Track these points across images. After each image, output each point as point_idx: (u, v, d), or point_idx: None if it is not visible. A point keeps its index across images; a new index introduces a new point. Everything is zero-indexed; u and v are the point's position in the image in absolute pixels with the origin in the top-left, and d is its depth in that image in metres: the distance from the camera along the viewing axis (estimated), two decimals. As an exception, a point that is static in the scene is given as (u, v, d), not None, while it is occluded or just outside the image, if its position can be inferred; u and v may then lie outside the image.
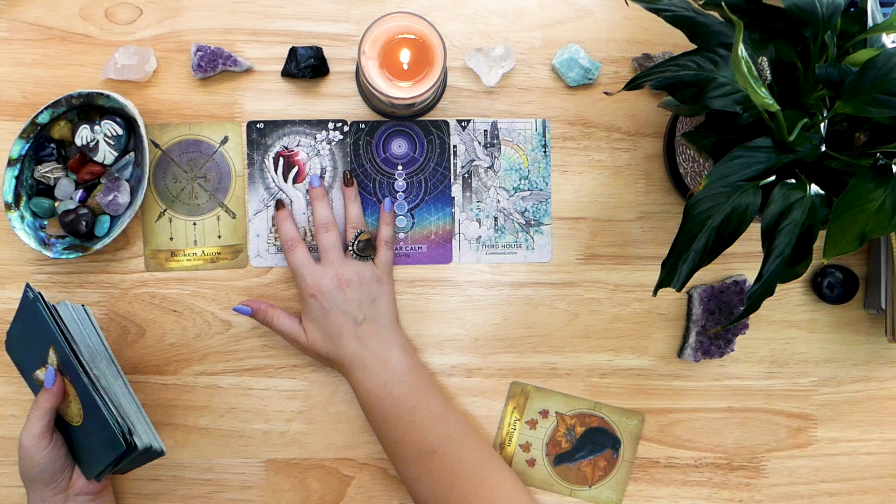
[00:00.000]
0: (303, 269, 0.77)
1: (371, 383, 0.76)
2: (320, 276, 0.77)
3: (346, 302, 0.77)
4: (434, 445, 0.75)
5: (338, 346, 0.77)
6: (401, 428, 0.75)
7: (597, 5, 0.83)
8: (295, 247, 0.78)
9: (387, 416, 0.76)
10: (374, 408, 0.76)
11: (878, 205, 0.59)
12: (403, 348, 0.78)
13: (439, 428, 0.75)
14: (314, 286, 0.77)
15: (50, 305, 0.71)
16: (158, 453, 0.73)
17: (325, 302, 0.76)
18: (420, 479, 0.75)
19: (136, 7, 0.81)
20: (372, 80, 0.74)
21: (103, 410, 0.69)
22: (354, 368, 0.77)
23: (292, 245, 0.78)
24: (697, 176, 0.74)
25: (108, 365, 0.74)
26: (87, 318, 0.76)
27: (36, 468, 0.71)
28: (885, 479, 0.85)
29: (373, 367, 0.76)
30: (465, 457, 0.75)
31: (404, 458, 0.76)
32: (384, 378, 0.76)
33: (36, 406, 0.71)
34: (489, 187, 0.83)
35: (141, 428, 0.72)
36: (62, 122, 0.78)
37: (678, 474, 0.84)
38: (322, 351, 0.77)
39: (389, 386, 0.76)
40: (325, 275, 0.77)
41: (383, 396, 0.76)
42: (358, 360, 0.77)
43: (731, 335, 0.83)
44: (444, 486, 0.74)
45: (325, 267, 0.77)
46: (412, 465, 0.75)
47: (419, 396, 0.76)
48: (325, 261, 0.78)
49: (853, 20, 0.65)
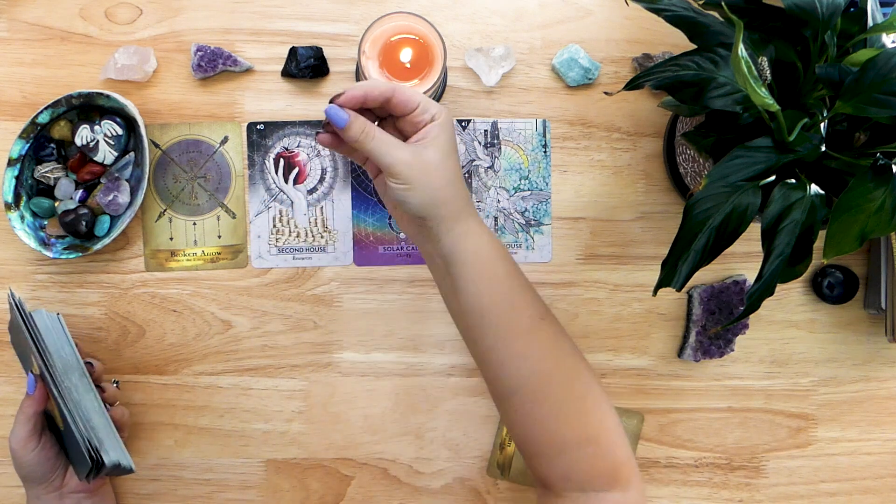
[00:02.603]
0: (418, 97, 0.64)
1: (489, 234, 0.66)
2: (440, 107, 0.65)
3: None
4: (542, 311, 0.66)
5: (461, 183, 0.65)
6: (519, 288, 0.66)
7: (597, 5, 0.83)
8: (372, 129, 0.63)
9: (509, 272, 0.66)
10: (491, 265, 0.65)
11: (878, 205, 0.59)
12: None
13: (535, 292, 0.67)
14: (443, 109, 0.64)
15: (27, 314, 0.71)
16: (127, 470, 0.72)
17: (450, 132, 0.64)
18: (526, 355, 0.65)
19: (136, 7, 0.81)
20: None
21: (72, 426, 0.69)
22: (474, 215, 0.66)
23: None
24: (697, 176, 0.74)
25: (80, 377, 0.73)
26: (61, 327, 0.75)
27: (26, 469, 0.72)
28: (885, 479, 0.85)
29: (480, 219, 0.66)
30: (560, 330, 0.67)
31: (516, 328, 0.65)
32: (491, 233, 0.66)
33: (20, 410, 0.71)
34: (489, 187, 0.83)
35: (110, 444, 0.71)
36: (62, 122, 0.78)
37: (678, 474, 0.84)
38: (441, 185, 0.63)
39: (499, 242, 0.67)
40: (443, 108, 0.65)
41: (500, 249, 0.66)
42: (473, 206, 0.66)
43: (731, 335, 0.83)
44: (550, 361, 0.65)
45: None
46: (521, 338, 0.65)
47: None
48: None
49: (853, 20, 0.65)
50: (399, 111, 0.64)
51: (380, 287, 0.82)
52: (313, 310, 0.82)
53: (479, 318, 0.65)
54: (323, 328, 0.82)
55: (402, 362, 0.83)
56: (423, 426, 0.83)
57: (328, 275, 0.82)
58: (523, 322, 0.65)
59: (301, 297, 0.82)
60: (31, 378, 0.71)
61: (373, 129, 0.62)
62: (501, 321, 0.65)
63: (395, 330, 0.83)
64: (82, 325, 0.81)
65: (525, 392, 0.65)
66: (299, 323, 0.82)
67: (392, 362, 0.83)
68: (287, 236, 0.82)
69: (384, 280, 0.82)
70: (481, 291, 0.65)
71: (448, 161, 0.64)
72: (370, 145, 0.62)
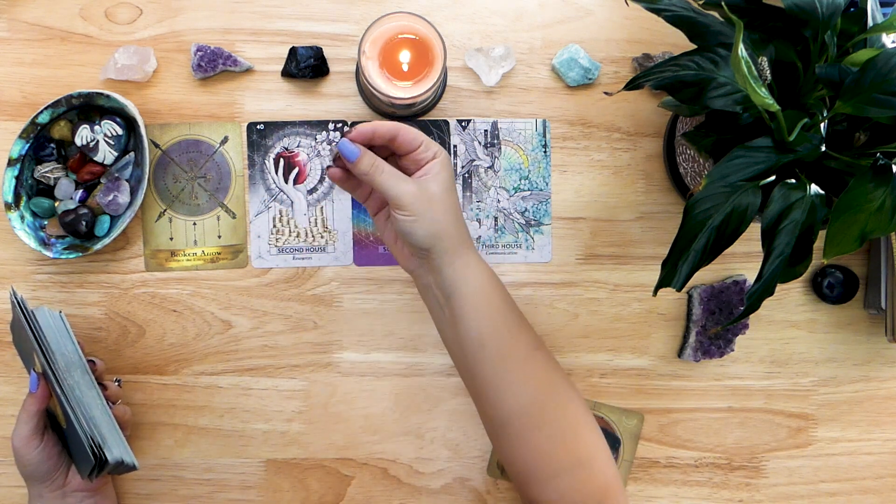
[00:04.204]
0: (421, 136, 0.68)
1: (487, 267, 0.69)
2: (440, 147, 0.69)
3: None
4: (536, 341, 0.69)
5: (462, 218, 0.68)
6: (515, 319, 0.68)
7: (597, 5, 0.83)
8: (381, 163, 0.67)
9: (507, 303, 0.68)
10: (490, 296, 0.67)
11: (878, 205, 0.59)
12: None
13: (528, 322, 0.70)
14: (443, 149, 0.68)
15: (29, 312, 0.71)
16: (130, 467, 0.72)
17: (450, 170, 0.68)
18: (523, 382, 0.67)
19: (136, 7, 0.81)
20: (372, 80, 0.74)
21: (75, 423, 0.69)
22: (473, 248, 0.69)
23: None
24: (697, 176, 0.74)
25: (83, 375, 0.73)
26: (64, 325, 0.75)
27: (28, 467, 0.72)
28: (885, 479, 0.85)
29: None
30: (552, 357, 0.70)
31: (514, 357, 0.67)
32: (489, 266, 0.69)
33: (23, 409, 0.72)
34: (489, 187, 0.83)
35: (113, 441, 0.71)
36: (62, 122, 0.78)
37: (678, 474, 0.84)
38: (443, 218, 0.66)
39: (496, 276, 0.70)
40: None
41: (498, 281, 0.69)
42: (472, 240, 0.70)
43: (731, 335, 0.83)
44: (546, 388, 0.67)
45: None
46: (519, 366, 0.67)
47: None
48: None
49: (853, 20, 0.65)
50: (403, 149, 0.68)
51: (380, 287, 0.82)
52: (313, 310, 0.82)
53: (479, 349, 0.67)
54: (323, 328, 0.82)
55: (402, 362, 0.83)
56: (423, 426, 0.83)
57: (328, 275, 0.82)
58: (520, 351, 0.67)
59: (301, 297, 0.82)
60: (33, 376, 0.71)
61: (381, 164, 0.66)
62: (500, 351, 0.67)
63: (395, 330, 0.83)
64: (82, 325, 0.81)
65: (522, 419, 0.66)
66: (299, 323, 0.82)
67: (392, 362, 0.83)
68: (287, 236, 0.82)
69: (384, 280, 0.82)
70: (481, 322, 0.67)
71: (449, 195, 0.68)
72: (379, 178, 0.66)
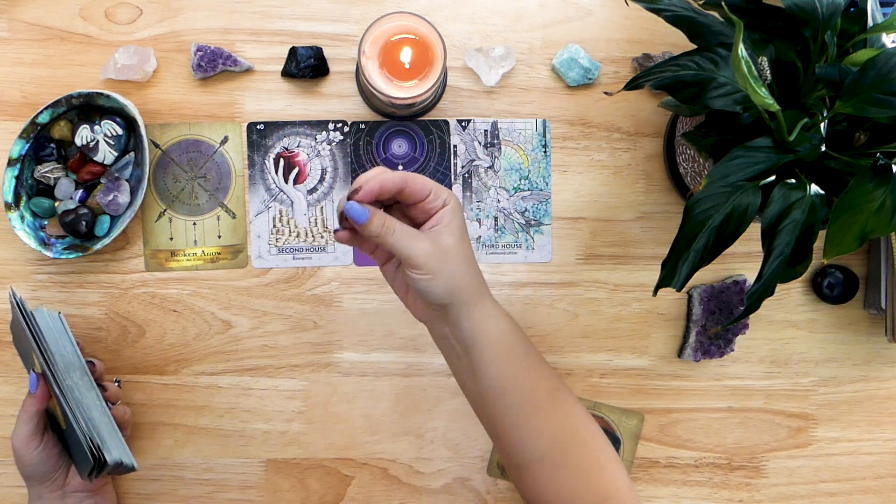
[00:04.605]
0: (429, 184, 0.63)
1: (505, 314, 0.66)
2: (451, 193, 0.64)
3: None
4: (556, 382, 0.67)
5: (476, 265, 0.65)
6: (535, 364, 0.66)
7: (597, 5, 0.83)
8: (392, 223, 0.62)
9: (527, 350, 0.66)
10: (510, 345, 0.65)
11: (878, 205, 0.59)
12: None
13: (546, 362, 0.68)
14: (452, 194, 0.64)
15: (28, 313, 0.71)
16: (129, 468, 0.72)
17: (461, 216, 0.64)
18: (546, 427, 0.65)
19: (136, 7, 0.81)
20: (372, 80, 0.74)
21: (74, 424, 0.69)
22: (489, 295, 0.66)
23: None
24: (697, 176, 0.74)
25: (82, 376, 0.73)
26: (63, 326, 0.75)
27: (28, 467, 0.72)
28: (885, 479, 0.85)
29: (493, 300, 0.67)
30: (572, 395, 0.68)
31: (536, 403, 0.65)
32: (507, 312, 0.67)
33: (22, 409, 0.72)
34: (489, 187, 0.83)
35: (112, 442, 0.71)
36: (62, 122, 0.78)
37: (678, 474, 0.84)
38: (460, 272, 0.63)
39: (515, 322, 0.67)
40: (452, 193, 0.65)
41: (516, 327, 0.66)
42: (487, 286, 0.66)
43: (731, 335, 0.83)
44: (568, 429, 0.65)
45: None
46: (541, 411, 0.65)
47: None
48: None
49: (853, 20, 0.65)
50: (412, 200, 0.63)
51: (380, 287, 0.82)
52: (313, 310, 0.82)
53: (500, 397, 0.65)
54: (323, 328, 0.82)
55: (402, 362, 0.83)
56: (423, 426, 0.83)
57: (328, 275, 0.82)
58: (542, 395, 0.65)
59: (301, 297, 0.82)
60: (32, 377, 0.71)
61: (392, 223, 0.61)
62: (522, 398, 0.65)
63: (395, 330, 0.83)
64: (82, 325, 0.81)
65: (544, 461, 0.65)
66: (299, 323, 0.82)
67: (392, 362, 0.83)
68: (287, 236, 0.82)
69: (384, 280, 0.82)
70: (502, 371, 0.64)
71: (463, 245, 0.63)
72: (391, 239, 0.61)
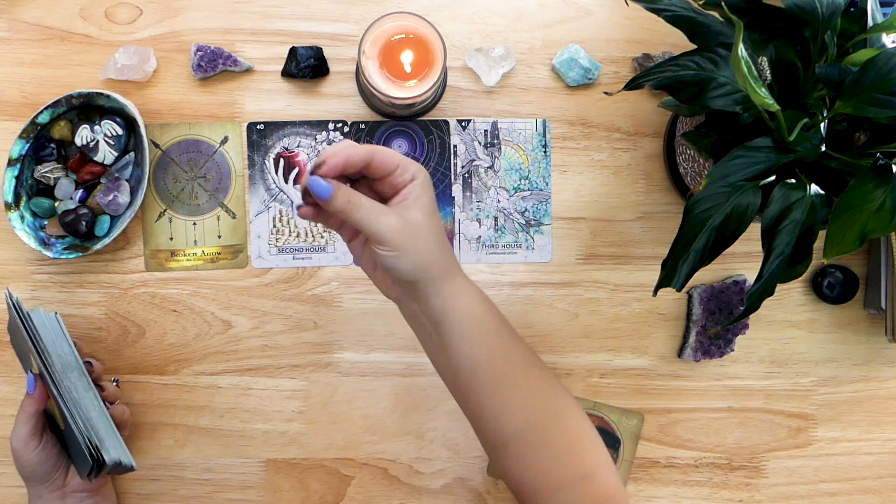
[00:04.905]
0: (397, 157, 0.61)
1: (476, 290, 0.65)
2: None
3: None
4: (531, 358, 0.65)
5: (446, 241, 0.63)
6: (508, 340, 0.65)
7: (597, 5, 0.83)
8: (358, 198, 0.60)
9: (499, 325, 0.65)
10: (481, 321, 0.63)
11: (878, 205, 0.59)
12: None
13: (522, 338, 0.67)
14: (421, 168, 0.61)
15: (24, 313, 0.71)
16: (128, 468, 0.72)
17: (431, 191, 0.62)
18: (521, 404, 0.64)
19: (136, 7, 0.81)
20: (372, 80, 0.74)
21: (72, 425, 0.69)
22: (460, 272, 0.64)
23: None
24: (697, 176, 0.74)
25: (80, 376, 0.73)
26: (59, 326, 0.75)
27: (28, 468, 0.72)
28: (885, 479, 0.85)
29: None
30: (548, 371, 0.66)
31: (511, 380, 0.64)
32: (478, 288, 0.65)
33: (21, 409, 0.71)
34: (489, 187, 0.83)
35: (110, 442, 0.71)
36: (62, 122, 0.78)
37: (678, 474, 0.84)
38: (428, 248, 0.61)
39: (486, 297, 0.65)
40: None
41: (490, 305, 0.65)
42: (458, 262, 0.65)
43: (731, 335, 0.83)
44: (544, 406, 0.64)
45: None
46: (516, 388, 0.64)
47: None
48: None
49: (853, 20, 0.65)
50: (378, 174, 0.61)
51: (380, 287, 0.82)
52: (313, 310, 0.82)
53: (472, 375, 0.64)
54: (323, 328, 0.82)
55: (402, 362, 0.83)
56: (423, 426, 0.83)
57: (328, 275, 0.82)
58: (516, 373, 0.64)
59: (301, 297, 0.82)
60: (30, 377, 0.71)
61: (358, 198, 0.59)
62: (495, 375, 0.63)
63: (395, 330, 0.83)
64: (82, 325, 0.81)
65: (521, 440, 0.64)
66: (299, 323, 0.82)
67: (392, 362, 0.83)
68: (287, 236, 0.82)
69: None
70: (474, 348, 0.63)
71: (432, 220, 0.61)
72: (357, 215, 0.59)
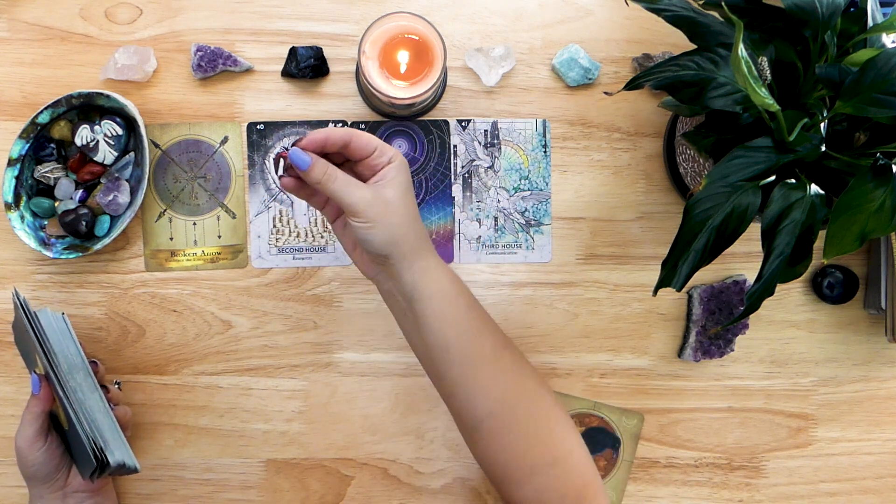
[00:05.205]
0: (375, 141, 0.66)
1: (448, 269, 0.68)
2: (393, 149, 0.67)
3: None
4: (502, 341, 0.68)
5: (419, 221, 0.67)
6: (479, 321, 0.67)
7: (597, 5, 0.83)
8: (334, 171, 0.65)
9: (469, 304, 0.68)
10: (452, 299, 0.66)
11: (878, 205, 0.59)
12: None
13: (493, 321, 0.69)
14: (398, 152, 0.66)
15: (31, 313, 0.71)
16: (132, 470, 0.72)
17: (407, 174, 0.66)
18: (492, 384, 0.66)
19: (136, 7, 0.81)
20: (372, 80, 0.74)
21: (77, 426, 0.69)
22: (433, 251, 0.68)
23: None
24: (697, 176, 0.74)
25: (85, 377, 0.73)
26: (66, 327, 0.75)
27: (31, 468, 0.72)
28: (885, 479, 0.85)
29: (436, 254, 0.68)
30: (520, 355, 0.69)
31: (481, 359, 0.66)
32: (450, 268, 0.68)
33: (27, 410, 0.72)
34: (489, 187, 0.83)
35: (115, 444, 0.71)
36: (62, 122, 0.78)
37: (678, 474, 0.84)
38: (400, 223, 0.65)
39: (458, 278, 0.68)
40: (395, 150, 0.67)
41: (459, 283, 0.68)
42: (430, 243, 0.68)
43: (731, 335, 0.83)
44: (515, 387, 0.66)
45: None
46: (486, 367, 0.66)
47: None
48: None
49: (853, 20, 0.65)
50: (357, 155, 0.66)
51: (380, 287, 0.82)
52: (313, 310, 0.82)
53: (444, 352, 0.66)
54: (323, 328, 0.82)
55: (402, 362, 0.83)
56: (423, 426, 0.83)
57: (328, 275, 0.82)
58: (487, 352, 0.66)
59: (301, 297, 0.82)
60: (35, 378, 0.71)
61: (334, 171, 0.64)
62: (466, 353, 0.66)
63: (395, 330, 0.82)
64: (82, 325, 0.81)
65: (493, 420, 0.66)
66: (299, 323, 0.82)
67: (392, 362, 0.83)
68: (287, 236, 0.82)
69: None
70: (445, 325, 0.66)
71: (406, 199, 0.66)
72: (332, 186, 0.64)
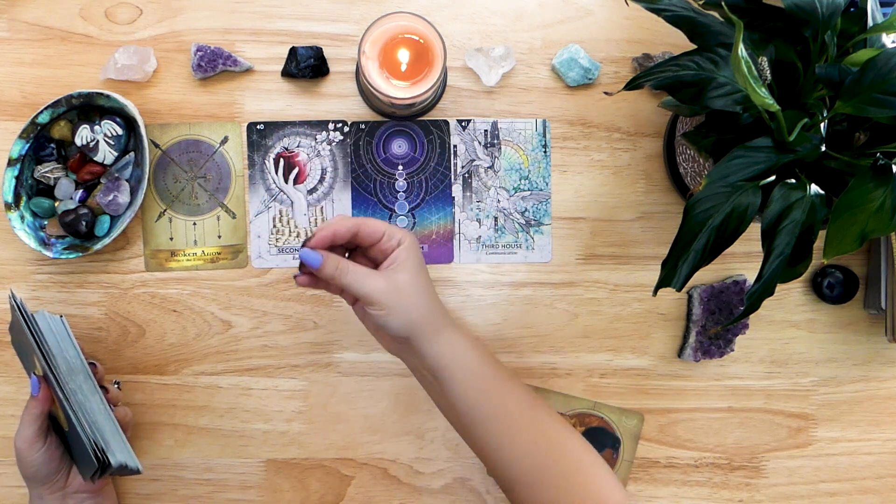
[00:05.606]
0: (382, 226, 0.68)
1: (470, 339, 0.69)
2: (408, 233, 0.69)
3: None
4: (529, 400, 0.69)
5: (436, 297, 0.69)
6: (504, 385, 0.69)
7: (597, 5, 0.83)
8: (346, 265, 0.67)
9: (495, 371, 0.69)
10: (476, 369, 0.68)
11: (878, 205, 0.59)
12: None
13: (519, 380, 0.71)
14: (408, 232, 0.68)
15: (29, 315, 0.71)
16: (134, 471, 0.72)
17: (418, 253, 0.68)
18: (523, 445, 0.67)
19: (136, 7, 0.81)
20: (372, 80, 0.74)
21: (77, 428, 0.69)
22: (452, 325, 0.69)
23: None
24: (697, 176, 0.74)
25: (86, 379, 0.73)
26: (65, 329, 0.75)
27: (31, 469, 0.72)
28: (885, 479, 0.85)
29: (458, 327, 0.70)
30: (547, 408, 0.70)
31: (509, 422, 0.67)
32: (472, 338, 0.70)
33: (26, 411, 0.72)
34: (489, 187, 0.83)
35: (116, 445, 0.71)
36: (62, 122, 0.78)
37: (678, 474, 0.84)
38: (416, 305, 0.67)
39: (480, 344, 0.70)
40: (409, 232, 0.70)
41: (483, 351, 0.69)
42: (450, 316, 0.70)
43: (731, 335, 0.83)
44: (545, 446, 0.67)
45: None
46: (514, 430, 0.67)
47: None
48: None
49: (853, 20, 0.65)
50: (367, 242, 0.68)
51: (380, 287, 0.82)
52: (313, 310, 0.82)
53: (472, 419, 0.68)
54: (323, 328, 0.82)
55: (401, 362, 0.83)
56: (423, 426, 0.83)
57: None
58: (514, 414, 0.68)
59: (301, 297, 0.82)
60: (34, 379, 0.71)
61: (346, 265, 0.66)
62: (494, 418, 0.67)
63: (395, 330, 0.83)
64: (82, 325, 0.81)
65: (527, 481, 0.67)
66: (299, 323, 0.82)
67: (392, 362, 0.82)
68: (287, 236, 0.82)
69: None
70: (471, 395, 0.68)
71: (419, 279, 0.67)
72: (345, 280, 0.66)
